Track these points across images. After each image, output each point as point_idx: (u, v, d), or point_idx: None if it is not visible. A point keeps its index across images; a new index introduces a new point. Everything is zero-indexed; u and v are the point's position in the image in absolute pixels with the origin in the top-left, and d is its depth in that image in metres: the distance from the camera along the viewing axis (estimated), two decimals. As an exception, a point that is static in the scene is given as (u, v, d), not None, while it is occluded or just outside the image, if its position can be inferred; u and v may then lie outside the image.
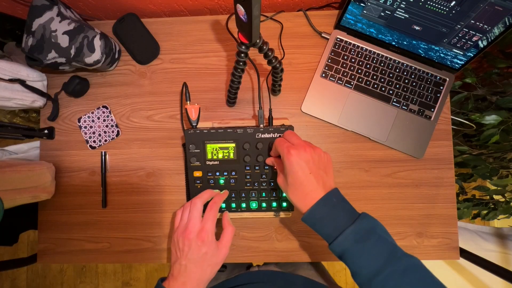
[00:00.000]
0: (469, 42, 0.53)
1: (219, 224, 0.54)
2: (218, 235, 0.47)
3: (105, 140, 0.62)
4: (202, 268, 0.44)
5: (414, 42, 0.57)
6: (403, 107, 0.60)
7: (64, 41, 0.51)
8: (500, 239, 0.79)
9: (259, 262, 0.68)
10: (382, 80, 0.60)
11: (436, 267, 0.78)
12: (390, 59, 0.60)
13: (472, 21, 0.49)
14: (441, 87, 0.60)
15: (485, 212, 0.89)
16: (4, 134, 0.54)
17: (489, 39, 0.51)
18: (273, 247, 0.60)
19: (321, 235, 0.41)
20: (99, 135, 0.62)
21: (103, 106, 0.62)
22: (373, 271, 0.36)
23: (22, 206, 0.53)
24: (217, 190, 0.53)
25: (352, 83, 0.60)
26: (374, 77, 0.60)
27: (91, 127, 0.62)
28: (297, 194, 0.41)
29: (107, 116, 0.62)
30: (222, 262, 0.46)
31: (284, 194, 0.54)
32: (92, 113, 0.62)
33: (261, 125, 0.52)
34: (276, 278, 0.55)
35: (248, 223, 0.60)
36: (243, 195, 0.55)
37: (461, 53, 0.55)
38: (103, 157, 0.61)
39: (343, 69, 0.60)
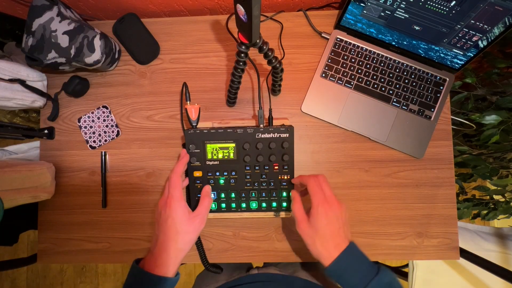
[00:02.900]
0: (469, 42, 0.53)
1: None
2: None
3: (105, 140, 0.62)
4: (170, 236, 0.43)
5: (414, 42, 0.57)
6: (403, 107, 0.60)
7: (64, 41, 0.51)
8: (500, 239, 0.79)
9: (259, 263, 0.68)
10: (382, 80, 0.60)
11: (436, 267, 0.78)
12: (390, 59, 0.60)
13: (472, 21, 0.49)
14: (441, 87, 0.60)
15: (485, 212, 0.89)
16: (4, 134, 0.54)
17: (489, 39, 0.51)
18: (273, 247, 0.60)
19: (346, 285, 0.42)
20: (99, 135, 0.62)
21: (103, 106, 0.62)
22: None
23: (22, 206, 0.53)
24: (179, 160, 0.51)
25: (352, 83, 0.60)
26: (374, 77, 0.60)
27: (91, 127, 0.62)
28: (327, 244, 0.43)
29: (107, 116, 0.62)
30: (194, 231, 0.44)
31: (284, 194, 0.54)
32: (92, 113, 0.62)
33: (261, 125, 0.52)
34: (276, 279, 0.55)
35: (248, 223, 0.60)
36: (243, 195, 0.55)
37: (461, 53, 0.55)
38: (103, 157, 0.61)
39: (343, 69, 0.60)
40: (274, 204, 0.55)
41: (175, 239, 0.43)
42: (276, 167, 0.53)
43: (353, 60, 0.60)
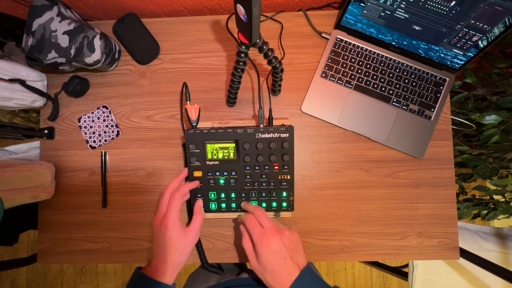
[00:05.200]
0: (469, 42, 0.53)
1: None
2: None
3: (105, 140, 0.62)
4: (169, 251, 0.46)
5: (414, 42, 0.57)
6: (403, 107, 0.60)
7: (64, 41, 0.51)
8: (500, 239, 0.79)
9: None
10: (382, 80, 0.60)
11: (436, 267, 0.78)
12: (390, 59, 0.60)
13: (472, 21, 0.49)
14: (441, 87, 0.60)
15: (485, 212, 0.89)
16: (4, 134, 0.54)
17: (489, 39, 0.51)
18: (273, 247, 0.59)
19: None
20: (99, 135, 0.62)
21: (103, 106, 0.62)
22: None
23: (22, 206, 0.53)
24: (187, 182, 0.53)
25: (352, 83, 0.60)
26: (374, 77, 0.60)
27: (91, 127, 0.62)
28: (277, 278, 0.44)
29: (107, 116, 0.62)
30: (190, 245, 0.48)
31: (284, 194, 0.54)
32: (92, 113, 0.62)
33: (261, 125, 0.52)
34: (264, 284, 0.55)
35: (248, 223, 0.60)
36: (243, 195, 0.55)
37: (461, 53, 0.55)
38: (103, 157, 0.61)
39: (343, 69, 0.60)
40: (274, 204, 0.55)
41: (174, 254, 0.46)
42: (276, 167, 0.53)
43: (353, 60, 0.60)
